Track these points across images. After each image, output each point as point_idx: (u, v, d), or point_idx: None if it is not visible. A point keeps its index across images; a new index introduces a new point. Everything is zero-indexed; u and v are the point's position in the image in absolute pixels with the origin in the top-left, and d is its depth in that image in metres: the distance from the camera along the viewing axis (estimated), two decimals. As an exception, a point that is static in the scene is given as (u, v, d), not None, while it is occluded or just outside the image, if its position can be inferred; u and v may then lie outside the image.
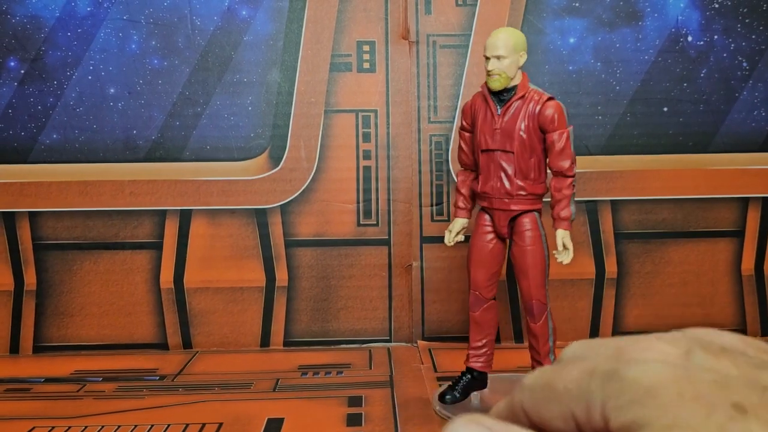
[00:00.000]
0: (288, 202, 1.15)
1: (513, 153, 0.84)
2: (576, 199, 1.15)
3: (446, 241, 0.89)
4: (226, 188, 1.15)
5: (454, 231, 0.89)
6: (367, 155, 1.14)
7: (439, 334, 1.16)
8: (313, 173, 1.14)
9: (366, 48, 1.15)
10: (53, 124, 1.15)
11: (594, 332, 1.16)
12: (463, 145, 0.90)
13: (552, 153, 0.84)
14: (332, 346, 1.15)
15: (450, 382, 0.90)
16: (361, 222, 1.14)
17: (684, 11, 1.17)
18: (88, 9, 1.14)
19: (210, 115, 1.15)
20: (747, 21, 1.17)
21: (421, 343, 1.16)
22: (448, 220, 1.15)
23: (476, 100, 0.88)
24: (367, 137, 1.14)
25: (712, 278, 1.19)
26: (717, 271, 1.19)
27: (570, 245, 0.84)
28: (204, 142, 1.15)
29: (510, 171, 0.84)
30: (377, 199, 1.15)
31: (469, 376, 0.88)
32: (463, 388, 0.87)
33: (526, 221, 0.86)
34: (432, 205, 1.15)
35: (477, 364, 0.88)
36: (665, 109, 1.17)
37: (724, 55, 1.17)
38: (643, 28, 1.16)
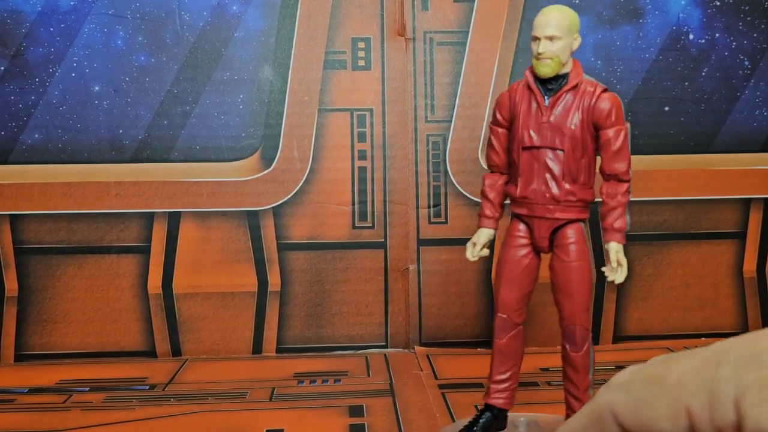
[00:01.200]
0: (280, 204, 1.11)
1: (563, 151, 0.72)
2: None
3: (469, 255, 0.77)
4: (216, 190, 1.11)
5: (480, 243, 0.77)
6: (362, 155, 1.11)
7: (437, 339, 1.13)
8: (306, 174, 1.11)
9: (361, 45, 1.11)
10: (35, 124, 1.10)
11: (595, 336, 1.14)
12: (495, 143, 0.77)
13: (607, 153, 0.73)
14: (327, 353, 1.11)
15: (466, 420, 0.78)
16: (357, 224, 1.11)
17: (685, 9, 1.15)
18: (72, 3, 1.10)
19: (199, 113, 1.11)
20: (748, 19, 1.16)
21: (418, 348, 1.13)
22: (446, 223, 1.13)
23: (517, 89, 0.76)
24: (362, 137, 1.11)
25: (714, 280, 1.17)
26: (719, 273, 1.17)
27: (624, 261, 0.73)
28: (193, 142, 1.11)
29: (557, 172, 0.73)
30: (373, 200, 1.11)
31: (489, 414, 0.76)
32: (483, 429, 0.76)
33: (571, 232, 0.74)
34: (429, 207, 1.12)
35: (499, 401, 0.76)
36: (666, 108, 1.15)
37: (726, 53, 1.15)
38: (643, 26, 1.14)
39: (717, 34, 1.15)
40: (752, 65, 1.16)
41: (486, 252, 0.77)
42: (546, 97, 0.74)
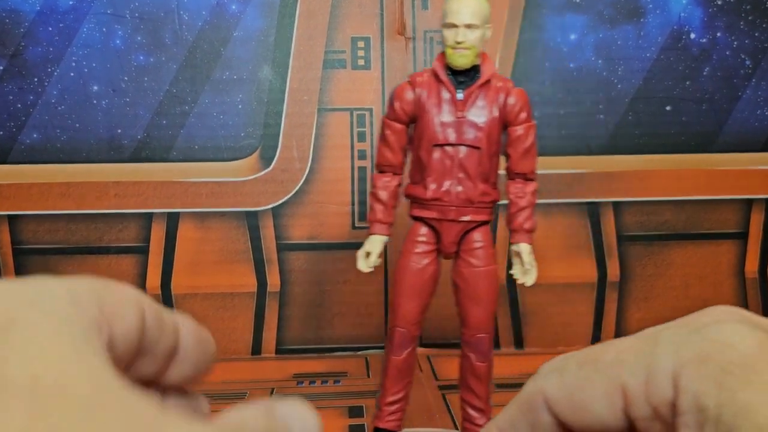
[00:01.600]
0: (280, 204, 1.11)
1: (480, 149, 0.67)
2: (578, 200, 1.13)
3: (363, 266, 0.70)
4: (215, 190, 1.11)
5: (375, 253, 0.71)
6: (362, 155, 1.11)
7: (437, 340, 1.13)
8: (306, 174, 1.10)
9: (361, 44, 1.11)
10: (34, 123, 1.10)
11: (596, 337, 1.13)
12: (392, 140, 0.70)
13: (517, 151, 0.68)
14: (327, 354, 1.10)
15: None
16: (356, 225, 1.11)
17: (686, 8, 1.14)
18: (71, 3, 1.09)
19: (198, 113, 1.10)
20: (750, 18, 1.15)
21: (418, 349, 1.12)
22: (446, 223, 1.12)
23: (421, 81, 0.69)
24: (362, 137, 1.11)
25: (715, 281, 1.16)
26: (720, 273, 1.17)
27: (535, 263, 0.69)
28: (192, 142, 1.10)
29: (472, 172, 0.68)
30: (373, 200, 1.10)
31: None
32: None
33: (479, 236, 0.70)
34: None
35: (392, 423, 0.71)
36: (667, 108, 1.14)
37: (727, 53, 1.15)
38: (644, 25, 1.13)
39: (718, 34, 1.14)
40: (753, 65, 1.15)
41: (379, 261, 0.71)
42: (459, 91, 0.68)
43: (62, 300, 0.32)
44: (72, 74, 1.10)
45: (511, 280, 1.13)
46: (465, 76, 0.68)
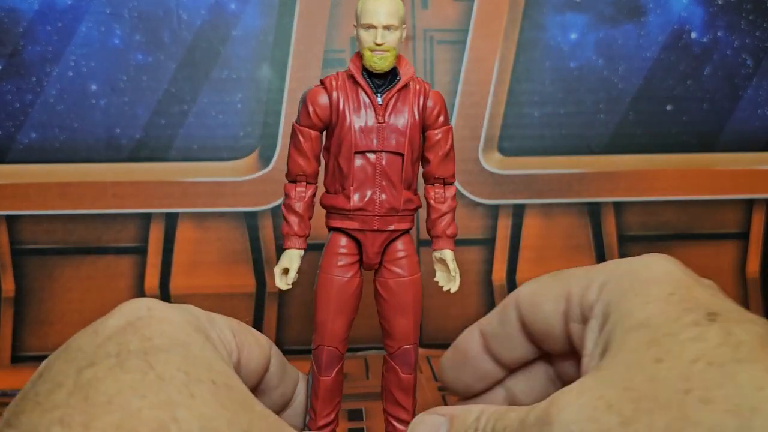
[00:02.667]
0: (279, 204, 1.10)
1: (403, 155, 0.63)
2: (577, 200, 1.12)
3: (283, 285, 0.68)
4: (214, 190, 1.10)
5: (294, 268, 0.67)
6: (361, 155, 1.10)
7: (437, 341, 1.12)
8: (305, 174, 1.10)
9: (360, 43, 1.10)
10: (32, 123, 1.09)
11: (596, 338, 1.13)
12: (305, 147, 0.65)
13: (437, 155, 0.66)
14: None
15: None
16: (356, 224, 1.10)
17: (687, 7, 1.14)
18: (69, 2, 1.09)
19: (197, 112, 1.10)
20: (751, 18, 1.14)
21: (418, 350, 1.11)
22: (446, 223, 1.11)
23: (336, 85, 0.64)
24: (361, 136, 1.10)
25: (717, 281, 1.15)
26: (722, 273, 1.16)
27: (458, 270, 0.66)
28: (191, 142, 1.10)
29: (396, 179, 0.64)
30: (372, 200, 1.10)
31: None
32: None
33: (401, 245, 0.66)
34: (429, 207, 1.11)
35: None
36: (668, 107, 1.14)
37: (728, 52, 1.14)
38: (645, 24, 1.13)
39: (719, 33, 1.14)
40: (755, 64, 1.15)
41: (297, 277, 0.68)
42: (378, 95, 0.64)
43: (210, 328, 0.44)
44: (70, 74, 1.10)
45: (511, 281, 1.12)
46: (382, 80, 0.64)
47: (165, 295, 1.09)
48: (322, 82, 0.64)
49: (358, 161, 0.63)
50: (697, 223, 1.15)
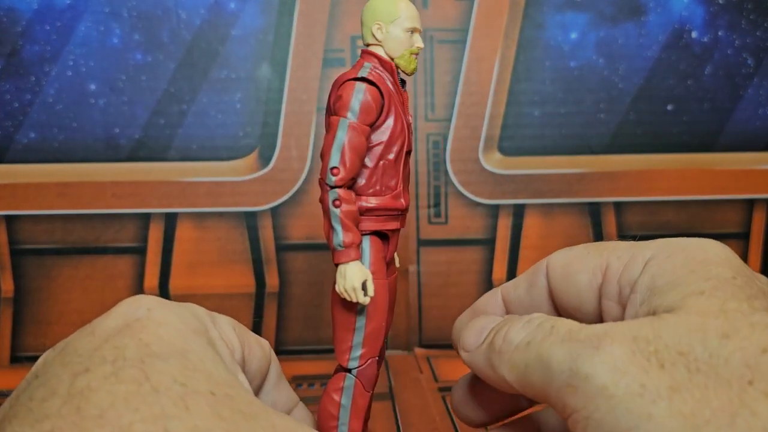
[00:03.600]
0: (279, 204, 1.10)
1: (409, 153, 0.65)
2: (578, 200, 1.12)
3: (364, 299, 0.58)
4: (213, 190, 1.10)
5: (371, 278, 0.60)
6: (361, 155, 1.09)
7: (438, 341, 1.12)
8: (305, 174, 1.10)
9: (360, 43, 1.10)
10: (31, 123, 1.09)
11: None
12: (363, 148, 0.60)
13: None
14: (326, 355, 1.10)
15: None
16: (356, 224, 1.09)
17: (687, 6, 1.13)
18: (68, 1, 1.08)
19: (196, 112, 1.09)
20: (751, 17, 1.14)
21: (418, 350, 1.11)
22: (446, 223, 1.11)
23: (380, 83, 0.61)
24: (361, 136, 1.10)
25: (717, 282, 1.16)
26: (722, 274, 1.16)
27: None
28: (190, 141, 1.09)
29: (409, 177, 0.65)
30: (372, 200, 1.10)
31: None
32: None
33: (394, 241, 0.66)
34: (429, 207, 1.11)
35: None
36: (669, 107, 1.13)
37: (729, 51, 1.14)
38: (646, 23, 1.13)
39: (720, 32, 1.14)
40: (755, 63, 1.14)
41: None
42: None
43: (212, 327, 0.40)
44: (69, 73, 1.09)
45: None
46: (402, 82, 0.65)
47: (164, 296, 1.09)
48: (364, 79, 0.61)
49: (399, 161, 0.62)
50: (697, 223, 1.15)
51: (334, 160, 0.57)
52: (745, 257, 1.16)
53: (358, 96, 0.60)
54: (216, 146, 1.10)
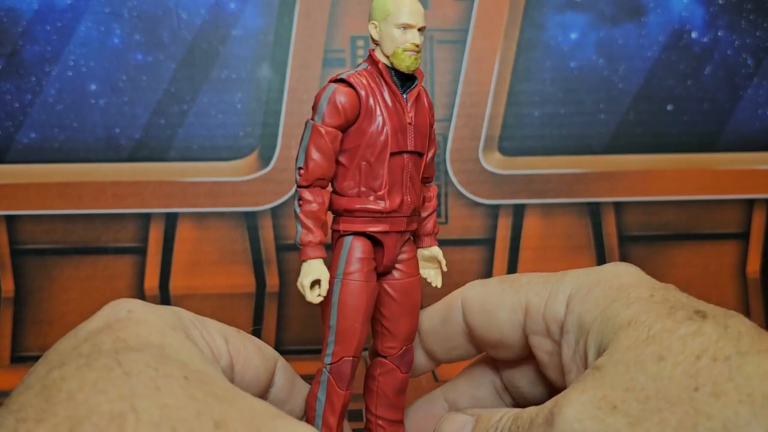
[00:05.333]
0: (279, 204, 1.10)
1: (422, 156, 0.63)
2: (578, 200, 1.12)
3: (313, 298, 0.62)
4: (213, 190, 1.10)
5: (326, 278, 0.62)
6: (361, 155, 1.10)
7: (437, 341, 1.12)
8: (305, 174, 1.09)
9: (360, 43, 1.10)
10: (31, 123, 1.09)
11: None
12: (330, 149, 0.61)
13: (430, 155, 0.65)
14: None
15: None
16: (356, 225, 1.10)
17: (687, 7, 1.13)
18: (68, 1, 1.08)
19: (197, 112, 1.10)
20: (751, 17, 1.14)
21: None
22: (446, 223, 1.11)
23: (362, 83, 0.61)
24: (361, 136, 1.10)
25: (717, 281, 1.16)
26: (722, 274, 1.16)
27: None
28: (191, 142, 1.09)
29: (416, 179, 0.62)
30: (372, 200, 1.10)
31: None
32: None
33: (407, 246, 0.64)
34: (429, 207, 1.11)
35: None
36: (669, 107, 1.13)
37: (729, 52, 1.14)
38: (646, 23, 1.13)
39: (719, 33, 1.14)
40: (755, 64, 1.15)
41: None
42: (404, 95, 0.62)
43: (192, 329, 0.41)
44: (70, 73, 1.09)
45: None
46: (404, 79, 0.62)
47: (164, 296, 1.09)
48: (344, 80, 0.62)
49: (393, 162, 0.61)
50: (697, 223, 1.15)
51: (299, 160, 0.61)
52: (744, 257, 1.16)
53: (326, 98, 0.61)
54: (216, 146, 1.10)
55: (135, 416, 0.28)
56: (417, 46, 0.62)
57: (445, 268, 0.66)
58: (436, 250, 0.66)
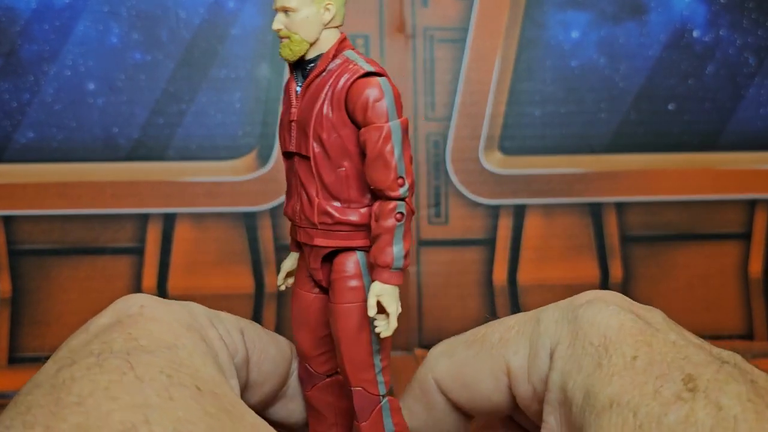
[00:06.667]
0: (278, 204, 1.09)
1: (310, 158, 0.50)
2: (579, 200, 1.12)
3: (278, 283, 0.58)
4: (212, 189, 1.09)
5: (285, 269, 0.57)
6: (361, 155, 1.09)
7: (438, 342, 1.11)
8: (304, 173, 1.09)
9: (360, 42, 1.10)
10: (29, 122, 1.09)
11: (598, 339, 1.12)
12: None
13: (366, 159, 0.49)
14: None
15: None
16: (355, 225, 1.09)
17: (689, 5, 1.13)
18: (66, 0, 1.08)
19: (195, 112, 1.09)
20: (753, 16, 1.14)
21: (418, 351, 1.11)
22: (446, 223, 1.11)
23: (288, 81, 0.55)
24: (361, 136, 1.09)
25: (719, 282, 1.15)
26: (724, 274, 1.15)
27: (392, 308, 0.48)
28: (189, 141, 1.09)
29: (310, 187, 0.51)
30: (372, 200, 1.09)
31: None
32: None
33: (345, 264, 0.51)
34: (429, 207, 1.10)
35: None
36: (670, 106, 1.13)
37: (730, 51, 1.14)
38: (647, 22, 1.12)
39: (721, 31, 1.13)
40: (757, 63, 1.14)
41: (291, 280, 0.57)
42: (299, 87, 0.53)
43: (209, 326, 0.41)
44: (68, 73, 1.09)
45: (512, 282, 1.12)
46: (309, 68, 0.53)
47: (162, 296, 1.08)
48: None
49: (286, 164, 0.54)
50: (699, 223, 1.14)
51: (399, 169, 0.50)
52: (746, 258, 1.15)
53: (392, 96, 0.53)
54: (215, 146, 1.09)
55: (148, 428, 0.27)
56: (276, 31, 0.54)
57: (371, 310, 0.48)
58: (372, 287, 0.49)
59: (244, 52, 1.09)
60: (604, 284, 1.12)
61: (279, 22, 0.54)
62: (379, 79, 0.50)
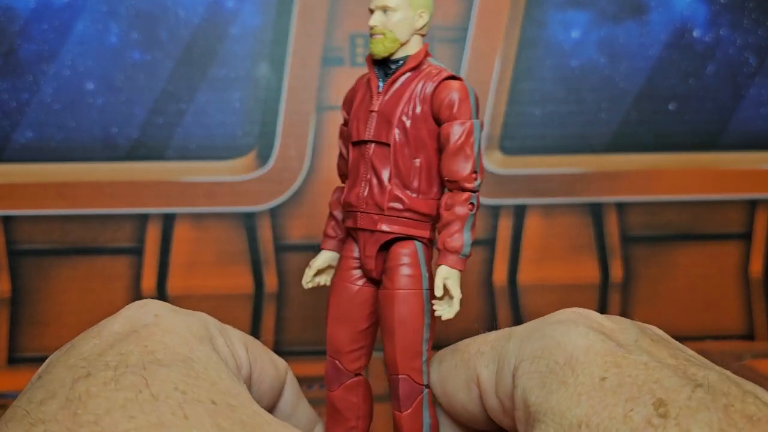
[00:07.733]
0: (277, 204, 1.09)
1: (389, 146, 0.55)
2: (579, 200, 1.11)
3: (304, 281, 0.59)
4: (211, 189, 1.09)
5: (315, 267, 0.60)
6: (361, 154, 1.09)
7: (437, 342, 1.11)
8: (304, 174, 1.09)
9: (359, 41, 1.09)
10: (28, 122, 1.08)
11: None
12: (342, 147, 0.62)
13: (445, 152, 0.54)
14: (325, 356, 1.09)
15: None
16: (355, 225, 1.09)
17: (690, 5, 1.13)
18: (65, 0, 1.07)
19: (194, 111, 1.09)
20: (753, 16, 1.13)
21: (418, 351, 1.10)
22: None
23: (359, 80, 0.61)
24: (361, 135, 1.09)
25: (720, 282, 1.15)
26: (724, 274, 1.15)
27: (456, 292, 0.51)
28: (188, 141, 1.09)
29: (384, 173, 0.54)
30: (372, 200, 1.09)
31: None
32: None
33: (403, 252, 0.54)
34: (429, 207, 1.10)
35: None
36: (671, 106, 1.13)
37: (731, 50, 1.13)
38: (647, 22, 1.12)
39: (722, 31, 1.13)
40: (758, 62, 1.14)
41: (326, 279, 0.59)
42: (381, 82, 0.57)
43: (218, 338, 0.42)
44: (67, 72, 1.08)
45: (512, 282, 1.11)
46: (393, 67, 0.57)
47: (162, 297, 1.08)
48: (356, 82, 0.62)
49: (354, 153, 0.57)
50: (699, 223, 1.14)
51: (475, 164, 0.56)
52: (747, 257, 1.15)
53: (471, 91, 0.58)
54: (214, 145, 1.09)
55: None
56: (372, 27, 0.57)
57: (438, 291, 0.52)
58: (439, 270, 0.53)
59: (244, 52, 1.09)
60: (605, 284, 1.12)
61: (376, 20, 0.57)
62: (464, 81, 0.55)
